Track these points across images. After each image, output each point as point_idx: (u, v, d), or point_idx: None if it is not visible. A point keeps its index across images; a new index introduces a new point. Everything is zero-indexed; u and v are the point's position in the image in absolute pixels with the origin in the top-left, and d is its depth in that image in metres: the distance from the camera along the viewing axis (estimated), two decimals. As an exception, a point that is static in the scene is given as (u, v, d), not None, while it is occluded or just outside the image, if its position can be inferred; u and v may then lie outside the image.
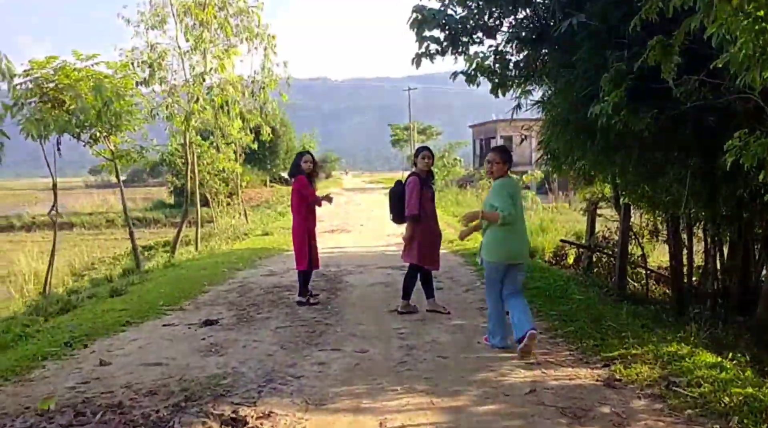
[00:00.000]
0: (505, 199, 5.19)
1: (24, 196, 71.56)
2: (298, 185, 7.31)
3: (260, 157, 44.15)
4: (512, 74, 9.70)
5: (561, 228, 18.82)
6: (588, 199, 11.15)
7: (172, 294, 8.00)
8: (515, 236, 5.28)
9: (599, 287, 9.60)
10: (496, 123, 50.16)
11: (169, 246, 23.46)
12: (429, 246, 6.73)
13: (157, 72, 11.43)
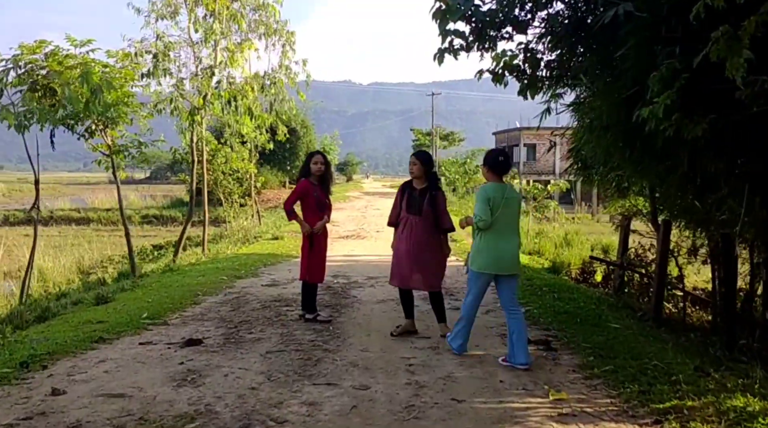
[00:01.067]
0: (482, 204, 5.08)
1: (47, 190, 72.17)
2: (298, 190, 6.51)
3: (279, 157, 43.63)
4: (543, 74, 8.85)
5: (586, 241, 17.89)
6: (621, 213, 10.22)
7: (159, 305, 7.24)
8: (499, 245, 5.07)
9: (632, 309, 8.68)
10: (520, 130, 49.20)
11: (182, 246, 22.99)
12: (396, 263, 6.02)
13: (161, 63, 10.75)
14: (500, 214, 5.05)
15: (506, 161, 5.34)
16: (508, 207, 5.11)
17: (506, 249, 5.09)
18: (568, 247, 15.05)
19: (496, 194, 5.10)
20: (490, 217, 5.02)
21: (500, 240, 5.07)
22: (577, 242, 16.39)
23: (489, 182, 5.26)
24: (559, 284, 8.99)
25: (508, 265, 5.12)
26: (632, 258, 10.20)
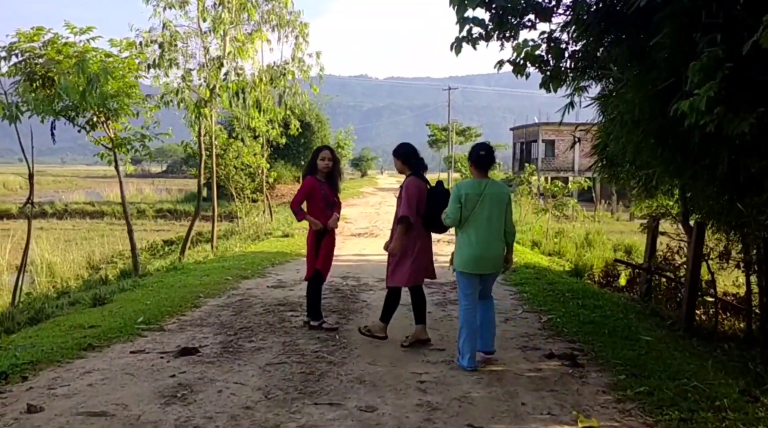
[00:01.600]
0: (451, 202, 5.03)
1: (65, 183, 72.71)
2: (304, 188, 6.06)
3: (293, 152, 43.28)
4: (567, 66, 8.33)
5: (607, 241, 17.31)
6: (649, 214, 9.65)
7: (157, 308, 6.83)
8: (478, 243, 4.93)
9: (661, 317, 8.15)
10: (538, 126, 48.41)
11: (192, 241, 22.68)
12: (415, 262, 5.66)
13: (167, 53, 10.34)
14: (478, 210, 4.93)
15: (488, 155, 5.14)
16: (489, 203, 4.95)
17: (486, 246, 4.95)
18: (590, 248, 14.48)
19: (472, 190, 4.97)
20: (456, 215, 4.94)
21: (479, 237, 4.93)
22: (599, 242, 15.80)
23: (470, 179, 5.17)
24: (582, 289, 8.47)
25: (487, 264, 5.01)
26: (660, 261, 9.64)
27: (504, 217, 5.05)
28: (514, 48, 8.25)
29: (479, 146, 5.28)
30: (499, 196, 5.04)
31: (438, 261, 6.24)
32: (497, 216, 5.00)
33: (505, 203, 5.09)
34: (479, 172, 5.13)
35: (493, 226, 4.97)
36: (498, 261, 5.07)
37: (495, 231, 4.98)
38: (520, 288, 8.43)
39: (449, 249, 5.53)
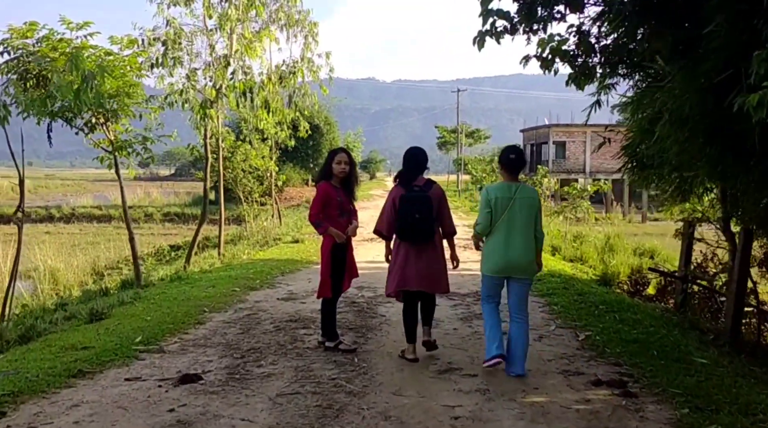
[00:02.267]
0: (482, 207, 4.99)
1: (73, 187, 72.59)
2: (320, 196, 5.44)
3: (302, 155, 42.87)
4: (597, 61, 7.75)
5: (627, 245, 16.63)
6: (684, 218, 9.01)
7: (158, 325, 6.26)
8: (508, 247, 4.84)
9: (701, 330, 7.53)
10: (549, 127, 47.73)
11: (199, 246, 22.16)
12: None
13: (170, 51, 9.80)
14: (508, 214, 4.84)
15: (519, 159, 5.03)
16: (519, 207, 4.85)
17: (515, 251, 4.84)
18: (612, 253, 13.82)
19: (502, 194, 4.88)
20: (488, 222, 4.88)
21: (509, 241, 4.83)
22: (620, 247, 15.13)
23: (498, 181, 5.10)
24: (615, 301, 7.85)
25: (517, 269, 4.88)
26: (694, 269, 9.01)
27: (534, 222, 4.94)
28: (539, 44, 7.68)
29: (509, 149, 5.15)
30: (530, 201, 4.92)
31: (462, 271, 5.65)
32: (528, 220, 4.89)
33: (536, 207, 4.96)
34: (510, 175, 5.01)
35: (525, 231, 4.86)
36: (527, 265, 4.92)
37: (526, 236, 4.87)
38: (548, 300, 7.82)
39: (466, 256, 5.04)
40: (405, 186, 5.26)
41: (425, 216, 5.10)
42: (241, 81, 10.06)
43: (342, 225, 5.48)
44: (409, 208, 5.11)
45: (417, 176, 5.32)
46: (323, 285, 5.51)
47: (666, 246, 18.12)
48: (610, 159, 47.03)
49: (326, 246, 5.51)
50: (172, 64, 9.86)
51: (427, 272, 5.19)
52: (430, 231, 5.16)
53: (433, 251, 5.23)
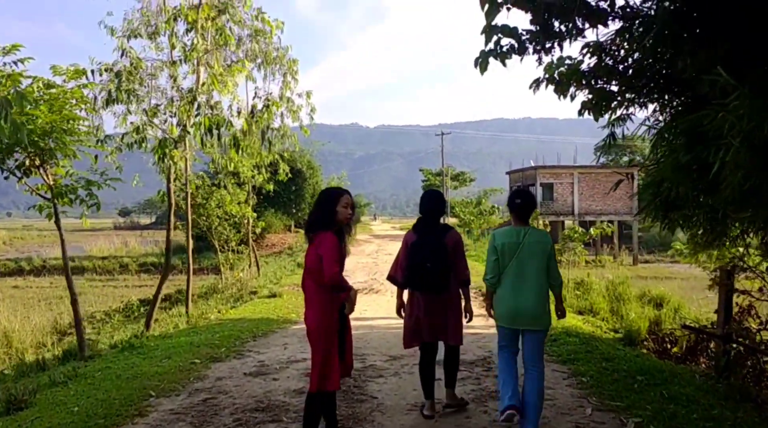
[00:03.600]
0: (489, 255, 4.72)
1: (50, 237, 70.56)
2: (328, 249, 3.96)
3: (284, 200, 41.62)
4: (618, 83, 6.66)
5: (632, 292, 15.40)
6: (721, 266, 7.80)
7: (85, 421, 4.84)
8: (515, 295, 4.57)
9: (756, 403, 6.24)
10: (535, 169, 47.07)
11: (171, 300, 20.60)
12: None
13: (124, 83, 8.58)
14: (516, 261, 4.58)
15: (525, 203, 4.76)
16: (527, 253, 4.58)
17: (524, 300, 4.54)
18: (623, 304, 12.58)
19: (508, 239, 4.62)
20: (496, 270, 4.61)
21: (516, 289, 4.56)
22: (627, 295, 13.90)
23: (503, 226, 4.92)
24: (653, 368, 6.54)
25: (525, 319, 4.56)
26: (735, 326, 7.76)
27: (546, 268, 4.60)
28: (547, 68, 6.56)
29: (515, 194, 4.87)
30: (540, 246, 4.61)
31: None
32: (538, 267, 4.57)
33: (547, 253, 4.61)
34: (518, 220, 4.75)
35: (533, 278, 4.55)
36: (536, 315, 4.55)
37: (535, 284, 4.55)
38: (573, 368, 6.49)
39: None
40: (419, 231, 4.89)
41: (437, 265, 4.69)
42: (207, 116, 8.82)
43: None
44: (420, 256, 4.73)
45: (433, 221, 4.94)
46: (330, 372, 4.04)
47: (671, 291, 16.99)
48: (599, 200, 46.28)
49: (334, 316, 4.09)
50: (126, 98, 8.64)
51: (440, 323, 4.86)
52: (442, 282, 4.73)
53: (447, 301, 4.86)
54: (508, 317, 4.58)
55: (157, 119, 9.26)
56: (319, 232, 4.06)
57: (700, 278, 29.99)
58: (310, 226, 4.20)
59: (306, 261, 4.13)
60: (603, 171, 48.62)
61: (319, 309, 4.04)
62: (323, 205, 4.19)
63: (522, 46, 6.27)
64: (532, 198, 4.92)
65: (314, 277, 4.01)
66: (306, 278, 4.10)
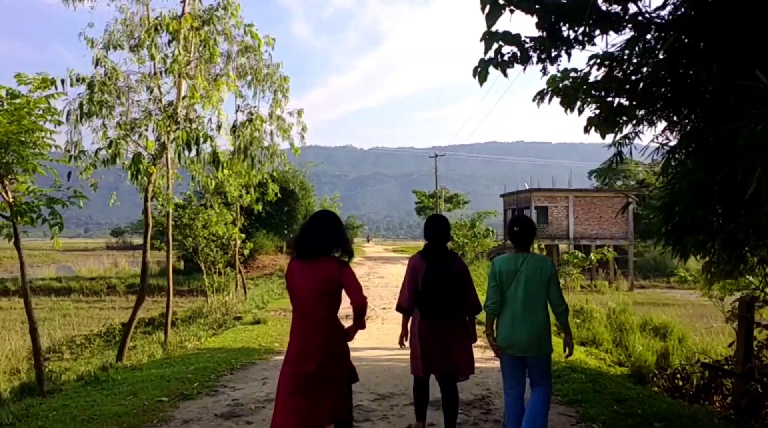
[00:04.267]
0: (489, 283, 4.68)
1: (40, 257, 69.52)
2: (354, 276, 3.96)
3: (276, 221, 40.93)
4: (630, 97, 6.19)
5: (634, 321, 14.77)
6: (744, 299, 7.20)
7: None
8: (515, 323, 4.49)
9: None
10: (530, 192, 46.64)
11: (154, 324, 19.82)
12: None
13: (96, 94, 7.97)
14: (514, 287, 4.55)
15: (523, 231, 4.71)
16: (526, 279, 4.54)
17: (524, 327, 4.50)
18: (627, 334, 11.94)
19: (507, 267, 4.62)
20: (495, 296, 4.58)
21: (515, 317, 4.52)
22: (629, 324, 13.26)
23: (504, 254, 4.81)
24: (670, 413, 5.88)
25: (525, 346, 4.52)
26: (757, 364, 7.13)
27: (547, 294, 4.55)
28: (549, 81, 6.08)
29: (513, 221, 4.84)
30: (540, 271, 4.55)
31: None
32: (537, 293, 4.52)
33: (547, 279, 4.55)
34: (517, 247, 4.72)
35: (532, 305, 4.50)
36: (538, 341, 4.52)
37: (534, 311, 4.50)
38: (581, 412, 5.83)
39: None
40: (430, 258, 4.82)
41: (452, 293, 4.70)
42: (184, 130, 8.17)
43: None
44: (435, 283, 4.69)
45: (444, 247, 4.93)
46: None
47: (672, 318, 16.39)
48: (594, 224, 45.81)
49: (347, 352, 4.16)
50: (100, 110, 8.02)
51: (453, 352, 4.78)
52: (456, 309, 4.74)
53: (457, 329, 4.82)
54: (509, 343, 4.52)
55: (137, 134, 8.62)
56: (322, 258, 3.93)
57: (698, 305, 29.46)
58: (316, 250, 3.96)
59: (306, 284, 3.89)
60: (599, 195, 48.22)
61: (333, 335, 3.97)
62: (339, 230, 4.06)
63: (525, 55, 5.75)
64: (531, 225, 4.83)
65: (324, 303, 3.90)
66: (308, 303, 3.91)
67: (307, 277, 3.88)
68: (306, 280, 3.89)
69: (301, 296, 3.93)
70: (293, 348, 3.95)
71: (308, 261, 3.92)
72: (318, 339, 3.88)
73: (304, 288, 3.90)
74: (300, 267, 3.94)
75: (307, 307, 3.91)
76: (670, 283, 42.36)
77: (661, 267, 48.16)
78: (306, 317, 3.93)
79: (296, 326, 3.99)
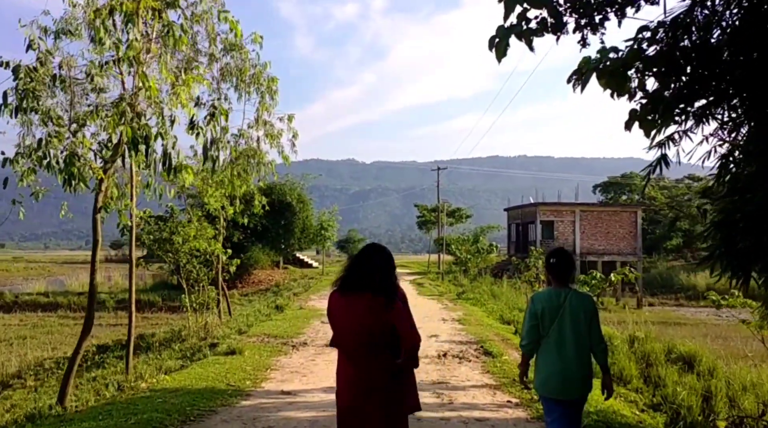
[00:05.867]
0: (527, 321, 4.47)
1: (36, 270, 68.23)
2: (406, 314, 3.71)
3: (272, 235, 39.50)
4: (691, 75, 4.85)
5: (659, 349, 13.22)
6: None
7: None
8: (554, 363, 4.28)
9: None
10: (536, 206, 45.19)
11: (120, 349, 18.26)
12: None
13: (21, 82, 6.53)
14: (558, 325, 4.28)
15: (561, 263, 4.45)
16: (570, 316, 4.28)
17: (562, 367, 4.25)
18: (653, 367, 10.42)
19: (549, 303, 4.33)
20: (533, 336, 4.34)
21: (561, 355, 4.26)
22: (654, 354, 11.72)
23: (545, 289, 4.57)
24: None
25: (561, 388, 4.27)
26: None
27: (589, 333, 4.31)
28: (582, 63, 4.73)
29: (551, 253, 4.60)
30: (584, 309, 4.32)
31: None
32: (581, 331, 4.29)
33: (590, 316, 4.34)
34: (557, 281, 4.44)
35: (578, 344, 4.28)
36: (576, 383, 4.29)
37: (580, 350, 4.29)
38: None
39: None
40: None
41: None
42: (128, 125, 6.66)
43: None
44: None
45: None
46: None
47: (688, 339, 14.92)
48: (601, 239, 44.22)
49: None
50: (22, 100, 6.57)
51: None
52: None
53: None
54: (546, 385, 4.35)
55: (75, 132, 7.18)
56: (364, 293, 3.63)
57: (711, 324, 27.82)
58: (367, 286, 3.66)
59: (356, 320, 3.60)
60: (606, 209, 46.78)
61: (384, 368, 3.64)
62: (390, 269, 3.78)
63: (559, 21, 4.35)
64: (569, 257, 4.57)
65: (375, 341, 3.60)
66: (357, 341, 3.62)
67: (351, 310, 3.66)
68: (350, 314, 3.66)
69: (347, 330, 3.68)
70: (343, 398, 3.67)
71: (350, 294, 3.68)
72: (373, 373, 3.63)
73: (351, 323, 3.66)
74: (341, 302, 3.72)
75: (349, 342, 3.69)
76: (679, 300, 40.96)
77: (668, 283, 46.74)
78: (353, 353, 3.68)
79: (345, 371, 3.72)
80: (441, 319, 15.80)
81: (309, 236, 42.63)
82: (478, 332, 13.62)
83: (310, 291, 26.29)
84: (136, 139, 6.44)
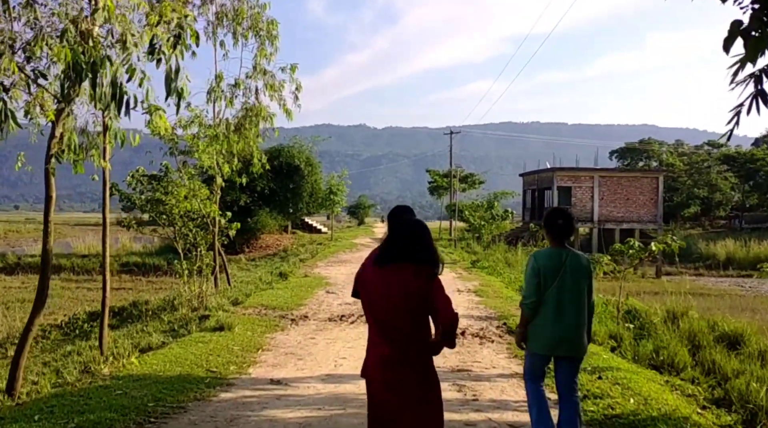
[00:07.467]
0: (529, 278, 4.48)
1: (42, 232, 67.56)
2: (444, 290, 3.47)
3: (280, 198, 38.14)
4: None
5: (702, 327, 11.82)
6: None
7: None
8: (555, 323, 4.33)
9: None
10: (553, 172, 43.41)
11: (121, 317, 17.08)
12: None
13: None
14: (558, 284, 4.32)
15: (566, 224, 4.48)
16: (570, 276, 4.34)
17: (567, 326, 4.33)
18: (702, 349, 9.04)
19: (550, 262, 4.39)
20: (536, 295, 4.37)
21: (560, 315, 4.32)
22: (702, 333, 10.33)
23: (545, 248, 4.61)
24: None
25: (566, 347, 4.38)
26: None
27: (582, 294, 4.38)
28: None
29: (556, 214, 4.58)
30: (582, 269, 4.40)
31: None
32: (580, 292, 4.37)
33: (586, 276, 4.42)
34: (554, 240, 4.50)
35: (577, 303, 4.36)
36: (577, 342, 4.38)
37: (579, 309, 4.37)
38: None
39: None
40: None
41: None
42: (67, 47, 5.12)
43: None
44: None
45: None
46: None
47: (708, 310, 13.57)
48: (620, 206, 42.29)
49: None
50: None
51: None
52: None
53: None
54: (548, 344, 4.39)
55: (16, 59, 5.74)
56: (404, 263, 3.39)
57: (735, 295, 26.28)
58: (410, 258, 3.41)
59: (400, 288, 3.33)
60: (626, 174, 44.95)
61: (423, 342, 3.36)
62: (430, 239, 3.54)
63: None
64: (571, 217, 4.57)
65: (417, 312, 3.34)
66: (396, 312, 3.33)
67: (392, 281, 3.39)
68: (389, 285, 3.38)
69: (382, 301, 3.39)
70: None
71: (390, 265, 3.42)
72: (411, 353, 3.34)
73: (386, 294, 3.38)
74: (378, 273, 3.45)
75: (385, 317, 3.39)
76: (698, 270, 39.34)
77: (686, 252, 45.15)
78: (387, 328, 3.38)
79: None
80: (456, 290, 14.44)
81: (318, 200, 41.22)
82: (498, 306, 12.27)
83: (317, 257, 25.00)
84: (77, 65, 4.98)
